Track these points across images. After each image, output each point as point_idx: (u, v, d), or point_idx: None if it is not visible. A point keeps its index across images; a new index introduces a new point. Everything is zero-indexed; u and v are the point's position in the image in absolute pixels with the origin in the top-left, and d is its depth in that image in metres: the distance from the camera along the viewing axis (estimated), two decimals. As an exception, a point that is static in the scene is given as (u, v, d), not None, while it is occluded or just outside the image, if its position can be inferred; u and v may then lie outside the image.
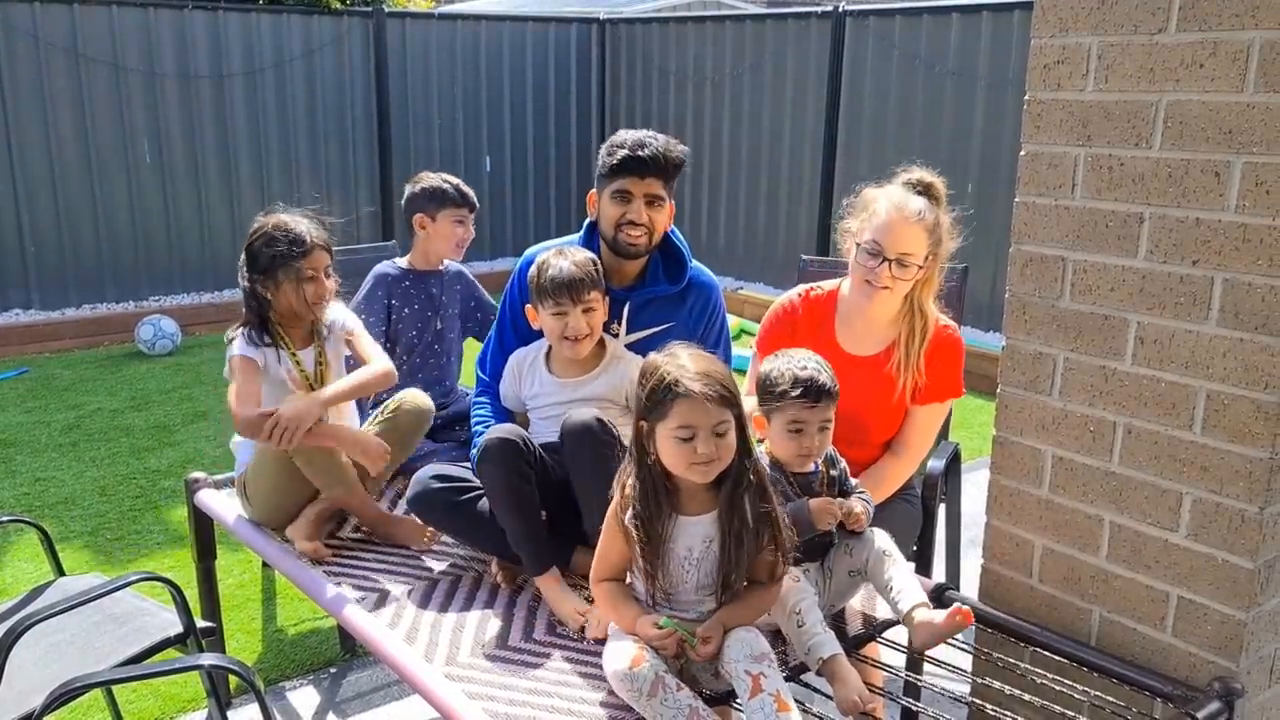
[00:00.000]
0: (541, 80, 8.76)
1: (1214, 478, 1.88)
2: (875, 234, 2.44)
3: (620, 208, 2.56)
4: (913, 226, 2.42)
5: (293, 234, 2.63)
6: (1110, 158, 1.96)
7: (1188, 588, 1.95)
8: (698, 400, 1.79)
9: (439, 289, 3.30)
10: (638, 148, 2.54)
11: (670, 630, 1.83)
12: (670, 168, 2.58)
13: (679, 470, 1.85)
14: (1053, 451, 2.14)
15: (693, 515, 1.90)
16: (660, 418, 1.83)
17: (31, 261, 6.84)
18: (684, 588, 1.92)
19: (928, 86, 6.77)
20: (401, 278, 3.26)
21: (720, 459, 1.83)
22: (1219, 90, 1.79)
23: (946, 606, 2.24)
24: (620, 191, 2.56)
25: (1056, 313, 2.09)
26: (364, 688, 3.02)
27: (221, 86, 7.28)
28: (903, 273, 2.44)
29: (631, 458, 1.91)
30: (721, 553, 1.89)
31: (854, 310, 2.58)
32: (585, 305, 2.46)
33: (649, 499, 1.87)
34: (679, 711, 1.75)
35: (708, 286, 2.74)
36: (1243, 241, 1.79)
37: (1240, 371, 1.82)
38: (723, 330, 2.78)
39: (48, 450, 4.79)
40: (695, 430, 1.80)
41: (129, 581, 2.29)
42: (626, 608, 1.93)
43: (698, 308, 2.71)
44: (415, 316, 3.24)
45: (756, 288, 7.84)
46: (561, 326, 2.47)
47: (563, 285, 2.44)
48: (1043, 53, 2.04)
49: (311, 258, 2.64)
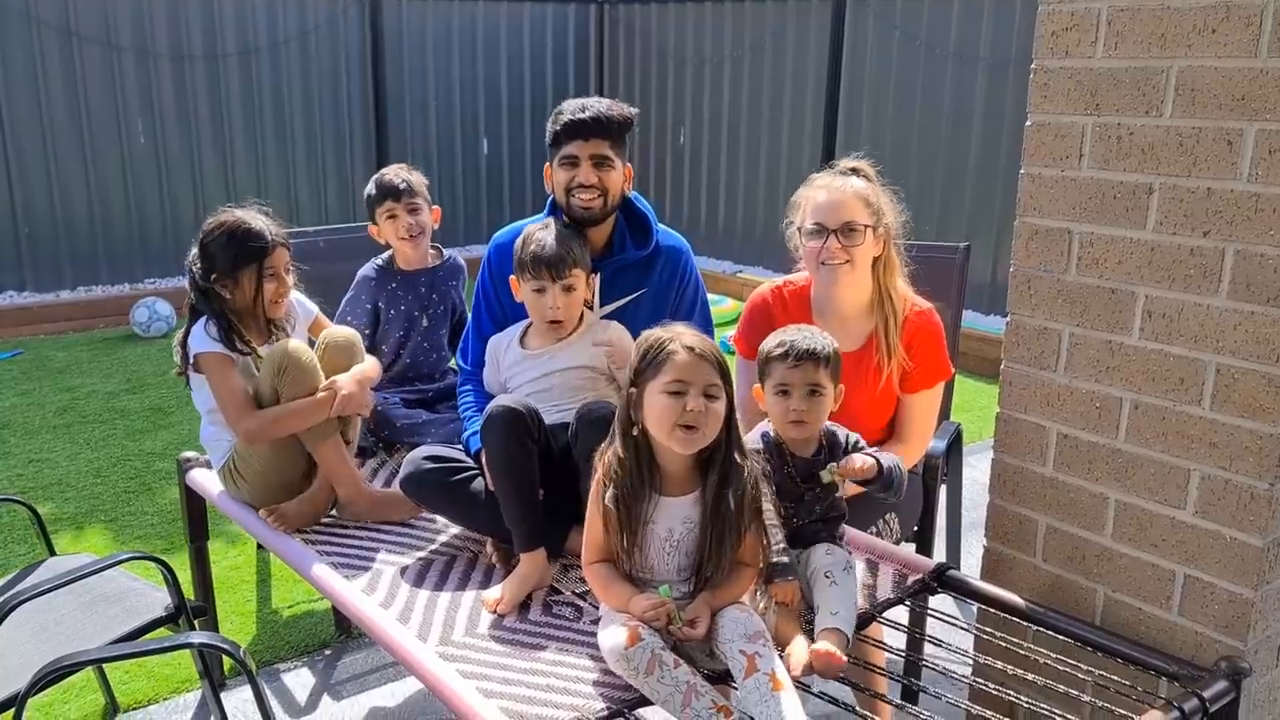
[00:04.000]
0: (539, 62, 8.69)
1: (1223, 454, 1.85)
2: (814, 215, 2.46)
3: (569, 172, 2.54)
4: (846, 196, 2.45)
5: (253, 231, 2.60)
6: (1119, 126, 1.92)
7: (1195, 566, 1.91)
8: (692, 357, 1.81)
9: (428, 286, 3.21)
10: (578, 111, 2.52)
11: (664, 600, 1.80)
12: (614, 127, 2.54)
13: (663, 433, 1.82)
14: (1058, 428, 2.10)
15: (674, 496, 1.88)
16: (652, 376, 1.83)
17: (25, 243, 6.79)
18: (664, 570, 1.90)
19: (929, 68, 6.71)
20: (386, 280, 3.17)
21: (706, 426, 1.81)
22: (1232, 55, 1.74)
23: (947, 586, 2.22)
24: (567, 157, 2.54)
25: (1062, 287, 2.05)
26: (359, 669, 2.99)
27: (216, 66, 7.21)
28: (851, 240, 2.44)
29: (616, 431, 1.90)
30: (701, 535, 1.87)
31: (826, 302, 2.56)
32: (565, 283, 2.42)
33: (631, 476, 1.86)
34: (675, 688, 1.72)
35: (675, 249, 2.70)
36: (1255, 212, 1.75)
37: (1251, 345, 1.78)
38: (697, 293, 2.74)
39: (42, 432, 4.76)
40: (687, 385, 1.80)
41: (119, 560, 2.26)
42: (619, 587, 1.90)
43: (666, 271, 2.67)
44: (403, 317, 3.17)
45: (756, 270, 7.79)
46: (542, 304, 2.43)
47: (542, 261, 2.40)
48: (1051, 19, 1.99)
49: (274, 256, 2.62)
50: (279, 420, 2.54)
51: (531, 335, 2.54)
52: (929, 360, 2.53)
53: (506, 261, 2.63)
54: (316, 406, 2.56)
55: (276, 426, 2.54)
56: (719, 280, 7.48)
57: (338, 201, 7.81)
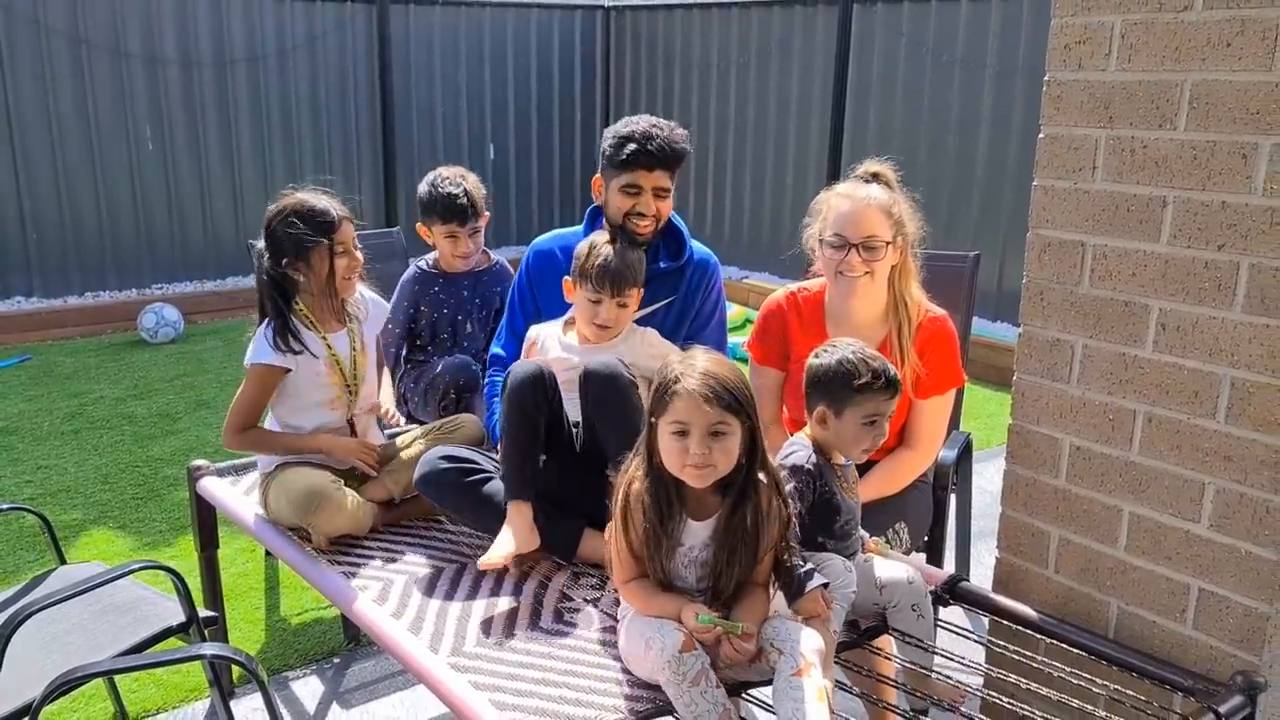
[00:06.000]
0: (546, 68, 8.70)
1: (1238, 467, 1.84)
2: (835, 226, 2.46)
3: (630, 200, 2.63)
4: (869, 209, 2.45)
5: (318, 209, 2.57)
6: (1133, 140, 1.91)
7: (1210, 580, 1.91)
8: (694, 397, 1.76)
9: (471, 290, 3.21)
10: (645, 140, 2.59)
11: (710, 626, 1.77)
12: (676, 159, 2.65)
13: (674, 470, 1.82)
14: (1070, 440, 2.10)
15: (700, 521, 1.87)
16: (661, 413, 1.81)
17: (33, 249, 6.80)
18: (684, 579, 1.90)
19: (935, 74, 6.71)
20: (430, 283, 3.18)
21: (715, 464, 1.79)
22: (1246, 69, 1.74)
23: (959, 597, 2.22)
24: (630, 185, 2.62)
25: (1075, 299, 2.05)
26: (368, 677, 2.99)
27: (224, 73, 7.23)
28: (871, 255, 2.44)
29: (639, 456, 1.89)
30: (714, 560, 1.87)
31: (841, 311, 2.57)
32: (621, 300, 2.48)
33: (658, 502, 1.84)
34: (714, 706, 1.72)
35: (706, 262, 2.83)
36: (1270, 225, 1.75)
37: (1266, 358, 1.78)
38: (716, 306, 2.83)
39: (50, 438, 4.76)
40: (688, 427, 1.77)
41: (130, 570, 2.25)
42: (664, 599, 1.86)
43: (695, 280, 2.78)
44: (447, 320, 3.17)
45: (762, 277, 7.78)
46: (594, 311, 2.49)
47: (606, 276, 2.45)
48: (1064, 32, 1.99)
49: (341, 230, 2.59)
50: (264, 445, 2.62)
51: (575, 329, 2.58)
52: (942, 366, 2.53)
53: (545, 266, 2.74)
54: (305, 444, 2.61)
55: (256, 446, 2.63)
56: (725, 286, 7.47)
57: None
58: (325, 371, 2.61)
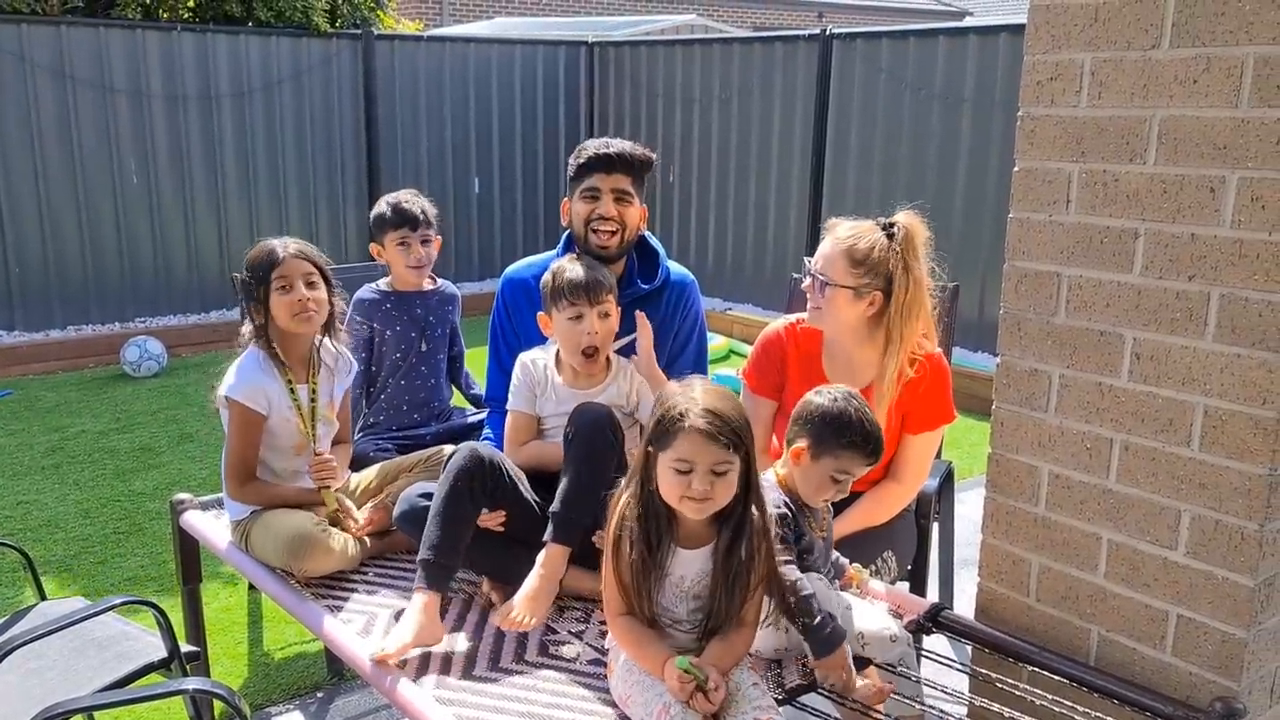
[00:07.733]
0: (530, 102, 8.77)
1: (1213, 495, 1.87)
2: (816, 254, 2.51)
3: (589, 205, 2.62)
4: (835, 250, 2.46)
5: (266, 248, 2.61)
6: (1104, 173, 1.96)
7: (1187, 606, 1.93)
8: (700, 436, 1.76)
9: (424, 309, 3.24)
10: (603, 146, 2.62)
11: (690, 678, 1.76)
12: (636, 164, 2.64)
13: (673, 502, 1.82)
14: (1049, 469, 2.12)
15: (691, 549, 1.88)
16: (664, 447, 1.81)
17: (15, 283, 6.78)
18: (675, 612, 1.90)
19: (914, 109, 6.81)
20: (382, 301, 3.20)
21: (715, 499, 1.80)
22: (1213, 105, 1.79)
23: (942, 627, 2.23)
24: (589, 189, 2.62)
25: (1051, 329, 2.08)
26: (352, 712, 2.97)
27: (209, 108, 7.26)
28: (821, 291, 2.47)
29: (633, 484, 1.88)
30: (712, 584, 1.87)
31: (834, 344, 2.60)
32: (601, 308, 2.43)
33: (649, 529, 1.84)
34: None
35: (682, 283, 2.79)
36: (1239, 256, 1.79)
37: (1238, 387, 1.81)
38: (695, 328, 2.79)
39: (30, 473, 4.73)
40: (693, 465, 1.78)
41: (111, 605, 2.24)
42: (652, 648, 1.85)
43: (672, 301, 2.75)
44: (399, 338, 3.19)
45: (745, 308, 7.83)
46: (578, 332, 2.42)
47: (579, 286, 2.41)
48: (1036, 69, 2.04)
49: (283, 266, 2.57)
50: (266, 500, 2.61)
51: (565, 371, 2.50)
52: (933, 403, 2.55)
53: (519, 294, 2.69)
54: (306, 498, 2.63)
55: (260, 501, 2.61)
56: (709, 318, 7.48)
57: (330, 241, 7.83)
58: (291, 417, 2.62)
